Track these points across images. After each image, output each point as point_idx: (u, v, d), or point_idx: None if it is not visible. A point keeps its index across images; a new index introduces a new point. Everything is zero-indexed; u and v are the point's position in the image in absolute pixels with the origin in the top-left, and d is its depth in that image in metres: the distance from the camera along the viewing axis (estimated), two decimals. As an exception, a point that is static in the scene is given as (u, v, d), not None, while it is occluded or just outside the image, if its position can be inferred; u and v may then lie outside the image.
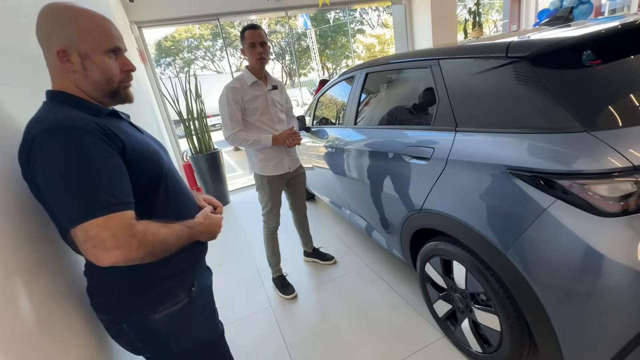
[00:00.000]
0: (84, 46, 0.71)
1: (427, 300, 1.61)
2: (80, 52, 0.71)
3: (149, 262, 0.68)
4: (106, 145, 0.66)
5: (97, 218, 0.61)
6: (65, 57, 0.70)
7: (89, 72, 0.73)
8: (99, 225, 0.61)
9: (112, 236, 0.61)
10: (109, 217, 0.62)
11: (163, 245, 0.70)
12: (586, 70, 0.96)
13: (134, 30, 3.68)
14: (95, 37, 0.72)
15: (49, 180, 0.63)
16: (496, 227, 1.06)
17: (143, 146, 0.78)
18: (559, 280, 0.93)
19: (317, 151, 2.65)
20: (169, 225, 0.73)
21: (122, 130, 0.74)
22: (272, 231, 2.07)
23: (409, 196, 1.48)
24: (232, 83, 1.79)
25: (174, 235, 0.73)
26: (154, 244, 0.68)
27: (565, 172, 0.89)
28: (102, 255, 0.61)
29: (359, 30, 19.17)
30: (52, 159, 0.62)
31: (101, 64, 0.73)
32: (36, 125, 0.65)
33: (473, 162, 1.14)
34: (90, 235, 0.60)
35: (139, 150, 0.75)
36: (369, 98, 2.07)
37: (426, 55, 1.44)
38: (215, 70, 19.54)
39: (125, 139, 0.72)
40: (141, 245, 0.65)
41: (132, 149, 0.73)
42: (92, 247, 0.61)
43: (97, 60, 0.73)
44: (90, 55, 0.72)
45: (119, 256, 0.62)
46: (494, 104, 1.12)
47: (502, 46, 1.09)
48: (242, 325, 1.86)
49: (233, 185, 4.78)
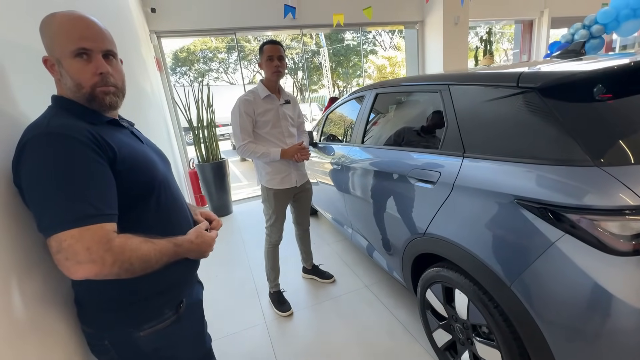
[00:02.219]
0: (57, 52, 0.70)
1: (427, 328, 1.56)
2: (56, 59, 0.70)
3: (128, 277, 0.66)
4: (95, 154, 0.65)
5: (72, 229, 0.59)
6: (50, 66, 0.71)
7: (63, 78, 0.71)
8: (73, 237, 0.59)
9: (86, 249, 0.60)
10: (84, 229, 0.60)
11: (142, 262, 0.67)
12: (598, 104, 0.95)
13: (153, 39, 3.79)
14: (62, 40, 0.69)
15: (30, 187, 0.62)
16: (501, 258, 1.03)
17: (137, 156, 0.77)
18: (565, 318, 0.89)
19: (322, 167, 2.65)
20: (153, 241, 0.71)
21: (118, 140, 0.74)
22: (273, 245, 2.05)
23: (413, 219, 1.46)
24: (245, 95, 1.82)
25: (157, 252, 0.71)
26: (132, 260, 0.65)
27: (574, 206, 0.86)
28: (73, 269, 0.60)
29: (371, 51, 19.57)
30: (36, 165, 0.61)
31: (68, 68, 0.70)
32: (30, 131, 0.65)
33: (480, 189, 1.12)
34: (64, 247, 0.59)
35: (132, 160, 0.74)
36: (378, 118, 2.08)
37: (437, 80, 1.45)
38: (228, 82, 19.97)
39: (118, 148, 0.71)
40: (116, 262, 0.63)
41: (123, 159, 0.72)
42: (64, 259, 0.59)
43: (66, 64, 0.70)
44: (62, 61, 0.70)
45: (90, 270, 0.60)
46: (503, 132, 1.12)
47: (513, 76, 1.09)
48: (234, 340, 1.81)
49: (237, 195, 4.78)
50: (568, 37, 4.66)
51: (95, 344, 0.79)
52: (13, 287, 0.66)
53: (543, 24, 5.97)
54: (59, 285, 0.80)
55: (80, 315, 0.78)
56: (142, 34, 3.25)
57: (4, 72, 0.77)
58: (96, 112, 0.76)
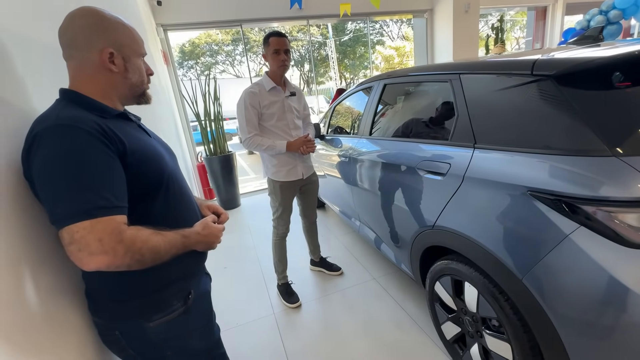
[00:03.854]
0: (127, 50, 0.78)
1: (435, 321, 1.55)
2: (124, 55, 0.77)
3: (138, 269, 0.67)
4: (105, 147, 0.66)
5: (84, 221, 0.60)
6: (111, 58, 0.74)
7: (130, 73, 0.79)
8: (85, 229, 0.60)
9: (98, 240, 0.60)
10: (96, 221, 0.61)
11: (153, 253, 0.68)
12: (616, 92, 0.92)
13: (160, 33, 3.79)
14: (135, 42, 0.80)
15: (41, 179, 0.62)
16: (513, 251, 1.01)
17: (146, 149, 0.78)
18: (579, 312, 0.87)
19: (330, 159, 2.63)
20: (162, 233, 0.72)
21: (127, 133, 0.74)
22: (281, 237, 2.06)
23: (422, 211, 1.44)
24: (250, 88, 1.81)
25: (167, 243, 0.71)
26: (142, 251, 0.66)
27: (590, 198, 0.84)
28: (86, 260, 0.60)
29: (378, 42, 19.28)
30: (46, 157, 0.62)
31: (139, 67, 0.82)
32: (39, 123, 0.65)
33: (491, 181, 1.09)
34: (76, 238, 0.59)
35: (141, 153, 0.75)
36: (386, 109, 2.05)
37: (447, 69, 1.41)
38: (235, 75, 19.95)
39: (128, 141, 0.72)
40: (128, 252, 0.64)
41: (132, 151, 0.72)
42: (76, 251, 0.60)
43: (137, 63, 0.80)
44: (132, 59, 0.79)
45: (102, 261, 0.61)
46: (516, 122, 1.08)
47: (527, 63, 1.05)
48: (243, 331, 1.83)
49: (245, 189, 4.81)
50: (583, 24, 4.50)
51: (106, 334, 0.80)
52: (27, 280, 0.67)
53: (557, 10, 5.78)
54: (70, 278, 0.81)
55: (91, 307, 0.79)
56: (148, 28, 3.25)
57: (13, 65, 0.77)
58: (105, 106, 0.76)
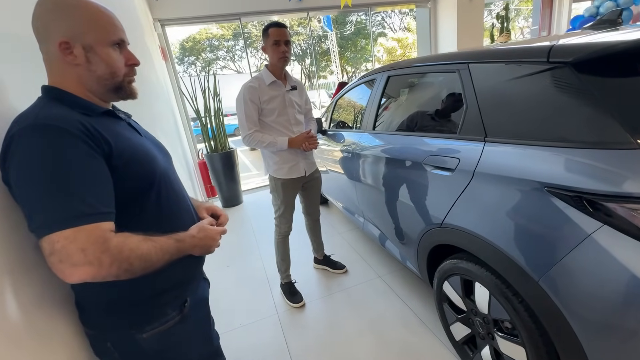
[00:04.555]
0: (89, 38, 0.67)
1: (443, 321, 1.50)
2: (84, 44, 0.67)
3: (128, 278, 0.62)
4: (88, 147, 0.61)
5: (66, 230, 0.55)
6: (67, 49, 0.66)
7: (93, 65, 0.69)
8: (66, 238, 0.55)
9: (81, 250, 0.55)
10: (79, 229, 0.56)
11: (143, 262, 0.63)
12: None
13: (157, 28, 3.72)
14: (99, 28, 0.69)
15: (18, 184, 0.58)
16: (528, 251, 0.95)
17: (135, 150, 0.72)
18: (601, 316, 0.82)
19: (332, 155, 2.57)
20: (153, 239, 0.67)
21: (114, 132, 0.69)
22: (283, 236, 2.01)
23: (429, 209, 1.38)
24: (250, 82, 1.74)
25: (158, 250, 0.66)
26: (131, 260, 0.61)
27: (615, 194, 0.77)
28: (68, 272, 0.55)
29: (380, 34, 19.02)
30: (23, 160, 0.57)
31: (106, 57, 0.70)
32: (17, 123, 0.60)
33: (504, 177, 1.03)
34: (57, 249, 0.55)
35: (129, 154, 0.70)
36: (390, 102, 1.98)
37: (454, 58, 1.34)
38: (235, 70, 19.82)
39: (114, 141, 0.67)
40: (115, 262, 0.59)
41: (120, 152, 0.67)
42: (57, 262, 0.55)
43: (102, 53, 0.69)
44: (95, 48, 0.68)
45: (86, 273, 0.56)
46: (530, 114, 1.02)
47: (543, 50, 0.98)
48: (246, 331, 1.80)
49: (247, 185, 4.76)
50: (592, 11, 4.37)
51: (97, 345, 0.76)
52: (7, 291, 0.63)
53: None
54: (59, 287, 0.77)
55: (81, 318, 0.75)
56: (145, 23, 3.18)
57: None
58: (89, 103, 0.70)
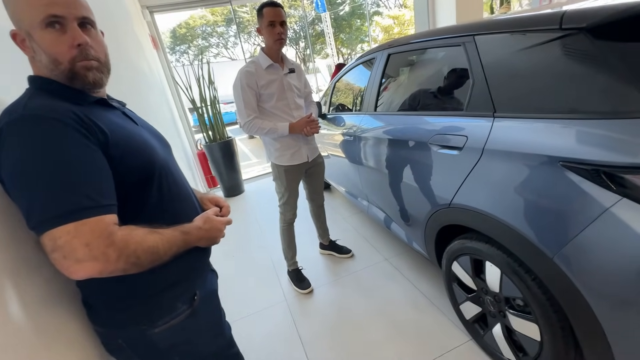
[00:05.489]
0: (25, 23, 0.59)
1: (453, 301, 1.50)
2: (25, 31, 0.60)
3: (135, 272, 0.60)
4: (83, 138, 0.57)
5: (67, 224, 0.52)
6: (20, 41, 0.61)
7: (37, 54, 0.61)
8: (69, 233, 0.52)
9: (85, 245, 0.53)
10: (81, 223, 0.53)
11: (150, 254, 0.61)
12: (665, 41, 0.79)
13: (146, 16, 3.59)
14: (28, 8, 0.58)
15: (12, 180, 0.54)
16: (542, 228, 0.93)
17: (132, 139, 0.69)
18: (620, 291, 0.80)
19: (333, 139, 2.53)
20: (159, 231, 0.64)
21: (108, 121, 0.65)
22: (288, 223, 1.99)
23: (436, 189, 1.35)
24: (246, 67, 1.68)
25: (165, 242, 0.64)
26: (138, 253, 0.59)
27: (636, 166, 0.74)
28: (73, 268, 0.53)
29: (375, 12, 18.49)
30: (15, 154, 0.53)
31: (40, 41, 0.60)
32: (5, 116, 0.56)
33: (515, 152, 0.99)
34: (60, 245, 0.52)
35: (126, 143, 0.66)
36: (391, 82, 1.92)
37: (459, 31, 1.28)
38: (229, 57, 19.43)
39: (110, 130, 0.63)
40: (121, 256, 0.56)
41: (116, 142, 0.63)
42: (61, 258, 0.53)
43: (37, 37, 0.60)
44: (32, 33, 0.60)
45: (93, 269, 0.54)
46: (542, 85, 0.97)
47: (555, 16, 0.93)
48: (256, 319, 1.81)
49: (248, 174, 4.73)
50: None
51: (109, 343, 0.75)
52: (12, 292, 0.61)
53: (566, -36, 5.38)
54: (64, 286, 0.75)
55: (90, 316, 0.74)
56: (133, 11, 3.07)
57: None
58: (81, 91, 0.66)
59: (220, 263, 2.48)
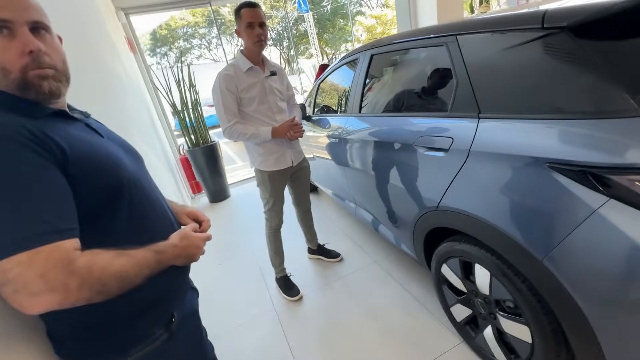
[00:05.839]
0: None
1: (443, 303, 1.48)
2: None
3: (102, 300, 0.54)
4: (37, 156, 0.51)
5: (19, 254, 0.47)
6: None
7: None
8: (20, 264, 0.46)
9: (40, 276, 0.47)
10: (35, 252, 0.47)
11: (118, 280, 0.55)
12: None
13: (121, 18, 3.46)
14: None
15: None
16: (531, 231, 0.92)
17: (96, 153, 0.63)
18: (610, 292, 0.79)
19: (318, 141, 2.49)
20: (128, 253, 0.59)
21: (68, 135, 0.59)
22: (274, 229, 1.94)
23: (423, 192, 1.33)
24: (225, 70, 1.62)
25: (136, 265, 0.59)
26: (104, 280, 0.53)
27: (622, 166, 0.73)
28: (27, 303, 0.47)
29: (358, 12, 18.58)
30: None
31: None
32: None
33: (501, 154, 0.98)
34: (10, 278, 0.46)
35: (89, 158, 0.60)
36: (375, 82, 1.89)
37: (441, 31, 1.26)
38: (212, 59, 19.13)
39: (69, 146, 0.57)
40: (84, 285, 0.51)
41: (76, 159, 0.57)
42: (12, 293, 0.47)
43: None
44: None
45: (51, 302, 0.48)
46: (526, 85, 0.96)
47: (536, 15, 0.91)
48: (244, 330, 1.75)
49: (233, 178, 4.64)
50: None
51: None
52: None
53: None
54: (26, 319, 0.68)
55: (56, 349, 0.67)
56: (106, 12, 2.94)
57: None
58: (35, 103, 0.60)
59: (205, 273, 2.41)
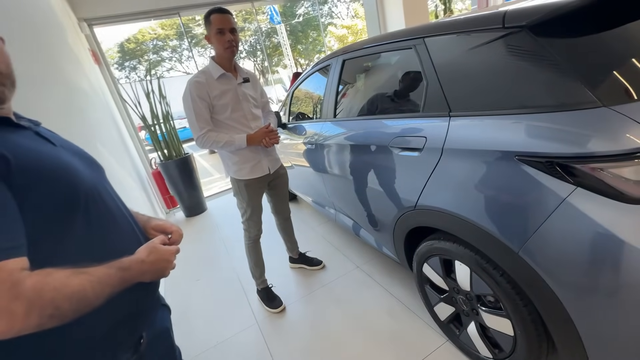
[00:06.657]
0: None
1: (427, 303, 1.48)
2: None
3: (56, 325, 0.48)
4: None
5: None
6: None
7: None
8: None
9: None
10: None
11: (75, 302, 0.50)
12: (599, 36, 0.84)
13: (84, 29, 3.32)
14: None
15: None
16: (506, 223, 0.93)
17: (46, 162, 0.57)
18: (583, 278, 0.81)
19: (295, 149, 2.47)
20: (87, 271, 0.53)
21: (12, 144, 0.54)
22: (254, 240, 1.88)
23: (401, 192, 1.34)
24: (195, 77, 1.57)
25: (96, 284, 0.53)
26: (57, 302, 0.47)
27: (585, 155, 0.76)
28: None
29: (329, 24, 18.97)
30: None
31: None
32: None
33: (473, 150, 1.00)
34: None
35: (37, 168, 0.55)
36: (348, 87, 1.91)
37: (409, 34, 1.29)
38: (184, 72, 18.79)
39: (14, 155, 0.51)
40: (33, 309, 0.45)
41: (22, 169, 0.52)
42: None
43: None
44: None
45: None
46: (492, 83, 0.99)
47: (497, 16, 0.95)
48: (225, 348, 1.66)
49: (209, 191, 4.51)
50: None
51: None
52: None
53: (498, -24, 5.90)
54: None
55: None
56: (67, 23, 2.81)
57: None
58: None
59: (182, 290, 2.30)
